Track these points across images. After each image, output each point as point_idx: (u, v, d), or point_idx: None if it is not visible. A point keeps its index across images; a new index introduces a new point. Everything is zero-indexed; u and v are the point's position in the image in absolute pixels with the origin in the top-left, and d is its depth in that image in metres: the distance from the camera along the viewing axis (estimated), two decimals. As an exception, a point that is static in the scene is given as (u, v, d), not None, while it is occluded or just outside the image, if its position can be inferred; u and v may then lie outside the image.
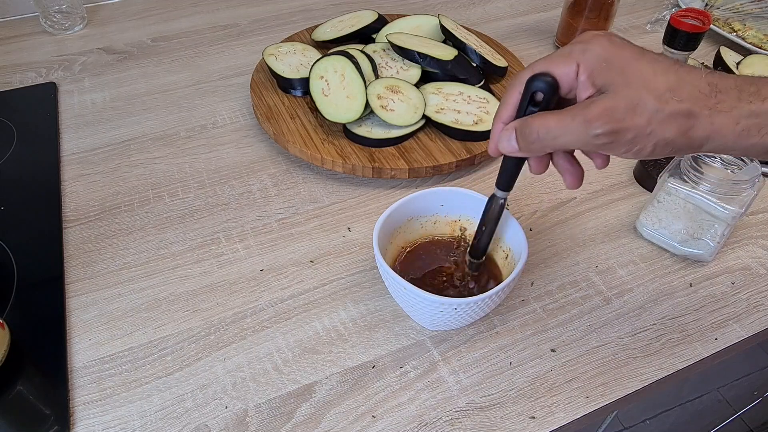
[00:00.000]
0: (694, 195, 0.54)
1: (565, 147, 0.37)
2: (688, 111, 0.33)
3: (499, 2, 1.01)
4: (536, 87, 0.37)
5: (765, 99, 0.33)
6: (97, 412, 0.46)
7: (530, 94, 0.38)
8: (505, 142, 0.39)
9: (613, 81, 0.34)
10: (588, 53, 0.35)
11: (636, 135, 0.34)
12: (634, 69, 0.34)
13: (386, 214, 0.50)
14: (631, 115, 0.34)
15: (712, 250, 0.57)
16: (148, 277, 0.56)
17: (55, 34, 0.90)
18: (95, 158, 0.69)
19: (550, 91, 0.37)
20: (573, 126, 0.35)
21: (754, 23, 0.91)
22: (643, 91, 0.33)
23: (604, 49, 0.35)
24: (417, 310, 0.48)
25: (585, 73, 0.35)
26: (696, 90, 0.34)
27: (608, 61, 0.35)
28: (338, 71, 0.68)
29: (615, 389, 0.48)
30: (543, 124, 0.36)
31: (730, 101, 0.33)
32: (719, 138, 0.34)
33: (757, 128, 0.33)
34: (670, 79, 0.34)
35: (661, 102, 0.33)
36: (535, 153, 0.39)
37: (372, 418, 0.46)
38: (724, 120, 0.33)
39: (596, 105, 0.34)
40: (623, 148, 0.35)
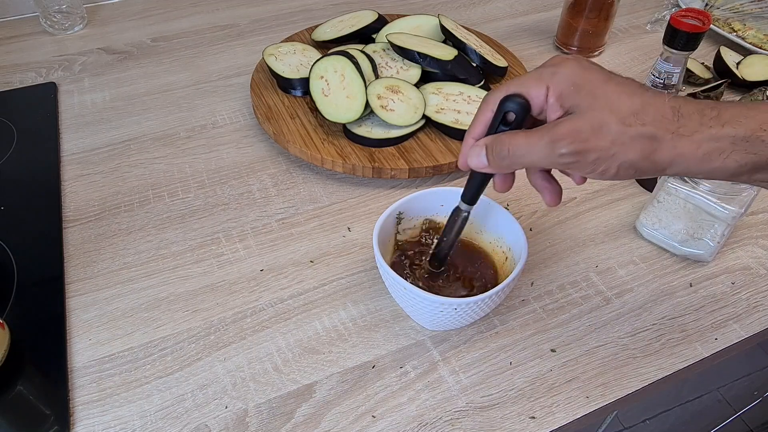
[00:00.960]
0: (694, 195, 0.54)
1: (532, 165, 0.38)
2: (651, 135, 0.34)
3: (499, 2, 1.01)
4: (508, 107, 0.38)
5: (725, 124, 0.34)
6: (97, 412, 0.46)
7: (502, 113, 0.39)
8: (475, 158, 0.40)
9: (580, 103, 0.36)
10: (557, 76, 0.37)
11: (599, 156, 0.35)
12: (600, 92, 0.35)
13: (386, 214, 0.50)
14: (595, 137, 0.35)
15: (712, 250, 0.57)
16: (148, 277, 0.56)
17: (55, 34, 0.90)
18: (95, 158, 0.69)
19: (521, 112, 0.38)
20: (540, 145, 0.36)
21: (754, 23, 0.91)
22: (607, 114, 0.35)
23: (572, 73, 0.36)
24: (417, 310, 0.48)
25: (554, 96, 0.37)
26: (659, 114, 0.35)
27: (576, 84, 0.36)
28: (338, 71, 0.68)
29: (615, 389, 0.48)
30: (512, 142, 0.38)
31: (692, 125, 0.34)
32: (682, 161, 0.35)
33: (718, 152, 0.34)
34: (635, 103, 0.35)
35: (624, 125, 0.34)
36: (503, 170, 0.40)
37: (372, 418, 0.46)
38: (686, 144, 0.34)
39: (562, 126, 0.36)
40: (588, 168, 0.36)
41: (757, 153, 0.34)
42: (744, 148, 0.34)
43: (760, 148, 0.34)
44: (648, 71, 0.81)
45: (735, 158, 0.34)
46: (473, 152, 0.40)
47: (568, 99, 0.36)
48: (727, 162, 0.34)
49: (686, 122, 0.34)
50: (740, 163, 0.34)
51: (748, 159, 0.34)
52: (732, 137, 0.34)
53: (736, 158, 0.34)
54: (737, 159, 0.34)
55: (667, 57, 0.66)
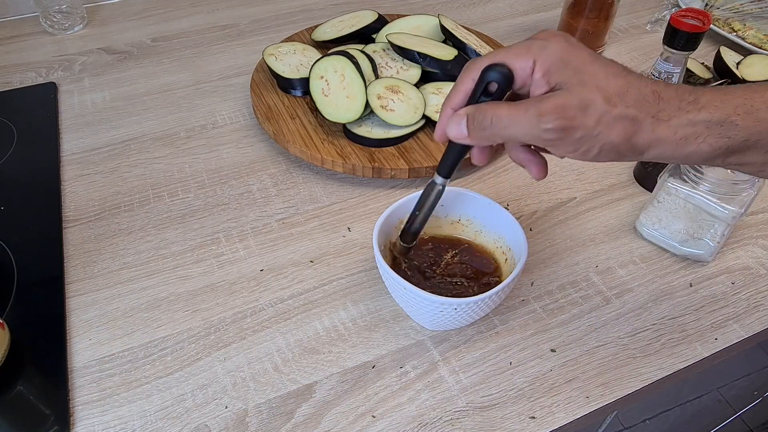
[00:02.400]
0: (694, 195, 0.54)
1: (514, 138, 0.37)
2: (634, 116, 0.35)
3: (499, 2, 1.01)
4: (491, 77, 0.37)
5: (701, 108, 0.35)
6: (97, 412, 0.46)
7: (485, 83, 0.38)
8: (455, 127, 0.39)
9: (568, 80, 0.35)
10: (546, 51, 0.36)
11: (584, 135, 0.35)
12: (588, 69, 0.35)
13: (386, 214, 0.50)
14: (581, 114, 0.34)
15: (712, 250, 0.57)
16: (148, 277, 0.56)
17: (55, 34, 0.90)
18: (95, 158, 0.69)
19: (504, 83, 0.37)
20: (525, 118, 0.35)
21: (754, 23, 0.91)
22: (594, 92, 0.34)
23: (562, 49, 0.36)
24: (417, 310, 0.48)
25: (541, 71, 0.36)
26: (641, 96, 0.35)
27: (565, 60, 0.36)
28: (338, 71, 0.68)
29: (615, 389, 0.48)
30: (495, 112, 0.37)
31: (670, 110, 0.35)
32: (660, 145, 0.35)
33: (694, 136, 0.35)
34: (620, 83, 0.35)
35: (609, 104, 0.34)
36: (484, 141, 0.39)
37: (372, 418, 0.46)
38: (664, 128, 0.35)
39: (550, 100, 0.35)
40: (571, 147, 0.36)
41: (730, 137, 0.35)
42: (718, 132, 0.35)
43: (732, 132, 0.34)
44: (648, 71, 0.81)
45: (709, 142, 0.35)
46: (453, 121, 0.39)
47: (556, 75, 0.36)
48: (702, 146, 0.35)
49: (665, 106, 0.35)
50: (714, 147, 0.35)
51: (722, 143, 0.35)
52: (707, 122, 0.34)
53: (710, 142, 0.35)
54: (711, 143, 0.35)
55: (667, 57, 0.66)
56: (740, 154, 0.36)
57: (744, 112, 0.34)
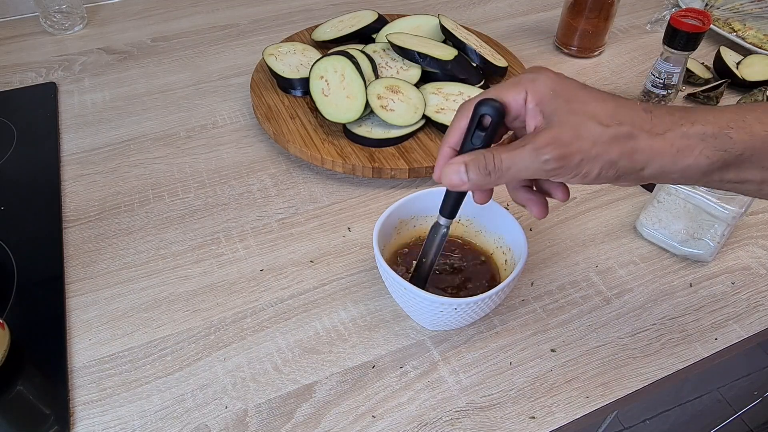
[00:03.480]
0: (694, 195, 0.54)
1: (518, 176, 0.38)
2: (629, 133, 0.36)
3: (499, 2, 1.01)
4: (484, 111, 0.39)
5: (694, 122, 0.36)
6: (97, 412, 0.46)
7: (478, 117, 0.39)
8: (454, 177, 0.39)
9: (558, 109, 0.37)
10: (537, 82, 0.38)
11: (582, 158, 0.36)
12: (578, 98, 0.37)
13: (386, 214, 0.50)
14: (576, 141, 0.36)
15: (712, 250, 0.57)
16: (148, 277, 0.56)
17: (55, 34, 0.90)
18: (95, 158, 0.69)
19: (496, 116, 0.38)
20: (524, 155, 0.37)
21: (754, 23, 0.91)
22: (586, 118, 0.36)
23: (551, 80, 0.38)
24: (417, 310, 0.48)
25: (534, 101, 0.38)
26: (633, 115, 0.36)
27: (555, 90, 0.37)
28: (338, 71, 0.68)
29: (615, 389, 0.48)
30: (497, 156, 0.38)
31: (664, 125, 0.36)
32: (659, 159, 0.36)
33: (690, 149, 0.36)
34: (610, 106, 0.37)
35: (603, 126, 0.36)
36: (488, 185, 0.39)
37: (372, 418, 0.46)
38: (660, 142, 0.36)
39: (544, 133, 0.36)
40: (572, 172, 0.37)
41: (726, 150, 0.36)
42: (713, 144, 0.36)
43: (728, 145, 0.35)
44: (648, 71, 0.81)
45: (706, 154, 0.36)
46: (451, 170, 0.39)
47: (548, 104, 0.37)
48: (699, 159, 0.36)
49: (658, 122, 0.36)
50: (711, 160, 0.36)
51: (718, 155, 0.36)
52: (701, 134, 0.36)
53: (707, 154, 0.36)
54: (708, 155, 0.36)
55: (667, 57, 0.66)
56: (737, 169, 0.36)
57: (737, 126, 0.36)
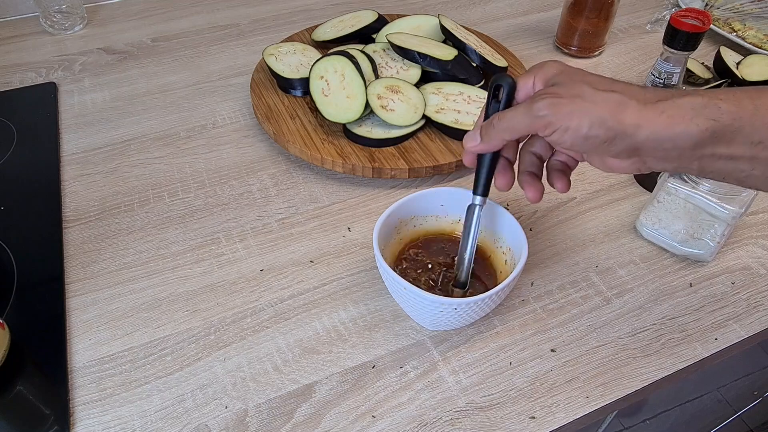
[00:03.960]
0: (694, 195, 0.54)
1: (515, 128, 0.42)
2: (619, 99, 0.38)
3: (499, 2, 1.01)
4: (496, 82, 0.44)
5: (684, 96, 0.38)
6: (97, 412, 0.46)
7: (492, 91, 0.45)
8: (469, 140, 0.46)
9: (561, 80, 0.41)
10: (544, 68, 0.43)
11: (572, 110, 0.39)
12: (579, 74, 0.41)
13: (386, 214, 0.50)
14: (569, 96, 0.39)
15: (712, 250, 0.57)
16: (148, 277, 0.56)
17: (55, 34, 0.90)
18: (95, 158, 0.69)
19: (507, 86, 0.44)
20: (521, 109, 0.41)
21: (754, 23, 0.91)
22: (582, 84, 0.40)
23: (558, 66, 0.43)
24: (417, 310, 0.48)
25: (540, 82, 0.43)
26: (627, 87, 0.40)
27: (559, 71, 0.42)
28: (338, 71, 0.68)
29: (615, 389, 0.48)
30: (500, 116, 0.43)
31: (656, 96, 0.39)
32: (648, 125, 0.38)
33: (681, 117, 0.37)
34: (606, 80, 0.40)
35: (596, 89, 0.39)
36: (492, 141, 0.44)
37: (372, 418, 0.46)
38: (651, 109, 0.38)
39: (541, 90, 0.41)
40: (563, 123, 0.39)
41: (715, 119, 0.37)
42: (704, 113, 0.37)
43: (717, 114, 0.37)
44: (648, 71, 0.81)
45: (696, 122, 0.37)
46: (469, 136, 0.46)
47: (551, 81, 0.42)
48: (690, 126, 0.37)
49: (651, 95, 0.39)
50: (701, 128, 0.37)
51: (708, 124, 0.37)
52: (692, 104, 0.37)
53: (697, 122, 0.37)
54: (699, 123, 0.37)
55: (667, 57, 0.66)
56: (728, 142, 0.37)
57: (726, 98, 0.37)
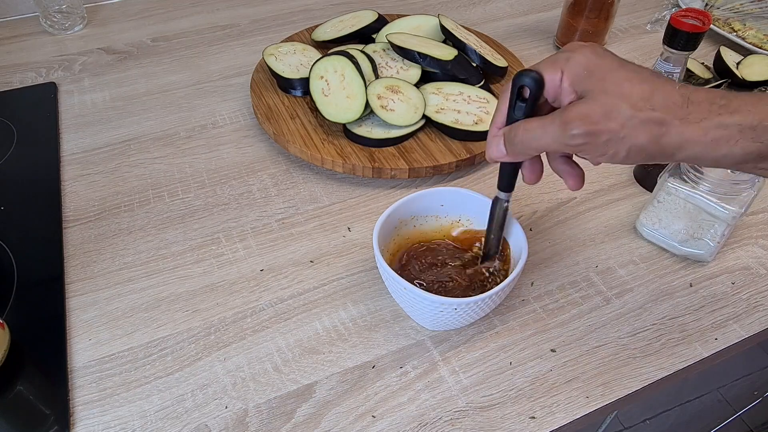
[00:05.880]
0: (694, 195, 0.54)
1: (545, 148, 0.39)
2: (660, 119, 0.35)
3: (499, 2, 1.01)
4: (522, 82, 0.39)
5: (733, 112, 0.35)
6: (97, 412, 0.46)
7: (517, 89, 0.40)
8: (495, 148, 0.42)
9: (592, 88, 0.37)
10: (571, 61, 0.38)
11: (610, 138, 0.36)
12: (612, 78, 0.36)
13: (386, 214, 0.50)
14: (605, 119, 0.35)
15: (712, 250, 0.57)
16: (148, 277, 0.56)
17: (55, 34, 0.90)
18: (95, 158, 0.69)
19: (535, 86, 0.39)
20: (552, 128, 0.37)
21: (754, 23, 0.91)
22: (618, 99, 0.36)
23: (586, 59, 0.37)
24: (417, 310, 0.48)
25: (568, 80, 0.38)
26: (669, 100, 0.35)
27: (589, 69, 0.37)
28: (338, 71, 0.68)
29: (615, 389, 0.48)
30: (526, 126, 0.39)
31: (700, 113, 0.35)
32: (690, 147, 0.35)
33: (726, 139, 0.35)
34: (645, 89, 0.36)
35: (634, 109, 0.35)
36: (520, 155, 0.41)
37: (372, 418, 0.46)
38: (694, 130, 0.35)
39: (574, 108, 0.37)
40: (599, 151, 0.37)
41: (763, 141, 0.34)
42: (751, 136, 0.34)
43: (766, 137, 0.34)
44: (648, 71, 0.81)
45: (742, 145, 0.35)
46: (493, 143, 0.42)
47: (581, 84, 0.37)
48: (734, 149, 0.35)
49: (695, 109, 0.35)
50: (747, 151, 0.35)
51: (754, 147, 0.35)
52: (739, 125, 0.34)
53: (743, 145, 0.35)
54: (744, 146, 0.35)
55: (667, 57, 0.66)
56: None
57: None
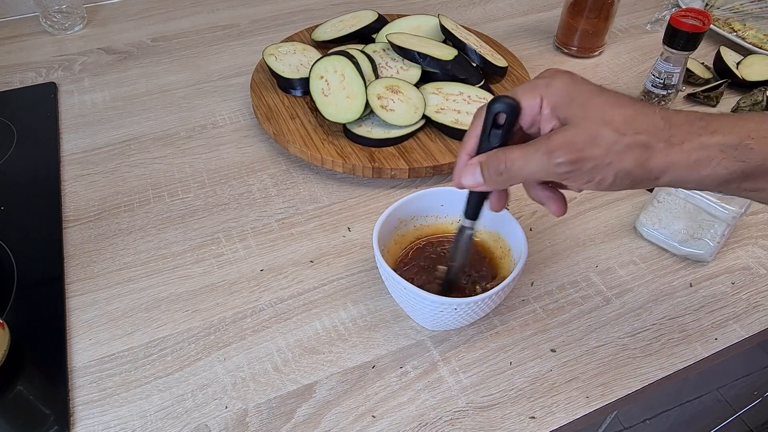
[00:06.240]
0: (694, 195, 0.54)
1: (530, 177, 0.38)
2: (645, 143, 0.35)
3: (499, 2, 1.01)
4: (498, 108, 0.38)
5: (713, 132, 0.35)
6: (97, 412, 0.46)
7: (492, 116, 0.39)
8: (469, 177, 0.40)
9: (574, 114, 0.36)
10: (551, 87, 0.37)
11: (595, 165, 0.35)
12: (593, 103, 0.36)
13: (386, 214, 0.50)
14: (590, 146, 0.35)
15: (712, 250, 0.57)
16: (148, 277, 0.56)
17: (55, 34, 0.90)
18: (95, 158, 0.69)
19: (511, 113, 0.38)
20: (537, 156, 0.36)
21: (754, 23, 0.91)
22: (601, 124, 0.35)
23: (566, 85, 0.37)
24: (417, 310, 0.48)
25: (549, 107, 0.37)
26: (652, 124, 0.35)
27: (570, 95, 0.37)
28: (338, 71, 0.68)
29: (615, 389, 0.48)
30: (509, 156, 0.38)
31: (681, 135, 0.35)
32: (674, 170, 0.35)
33: (708, 160, 0.35)
34: (627, 113, 0.35)
35: (618, 134, 0.35)
36: (501, 185, 0.40)
37: (372, 418, 0.46)
38: (677, 152, 0.35)
39: (558, 136, 0.36)
40: (585, 178, 0.36)
41: (745, 160, 0.35)
42: (733, 155, 0.35)
43: (748, 156, 0.35)
44: (648, 71, 0.81)
45: (724, 165, 0.35)
46: (467, 171, 0.40)
47: (563, 109, 0.37)
48: (717, 169, 0.35)
49: (677, 131, 0.35)
50: (729, 171, 0.35)
51: (736, 166, 0.35)
52: (721, 145, 0.35)
53: (725, 165, 0.35)
54: (726, 166, 0.35)
55: (667, 57, 0.66)
56: (755, 179, 0.36)
57: (758, 137, 0.34)
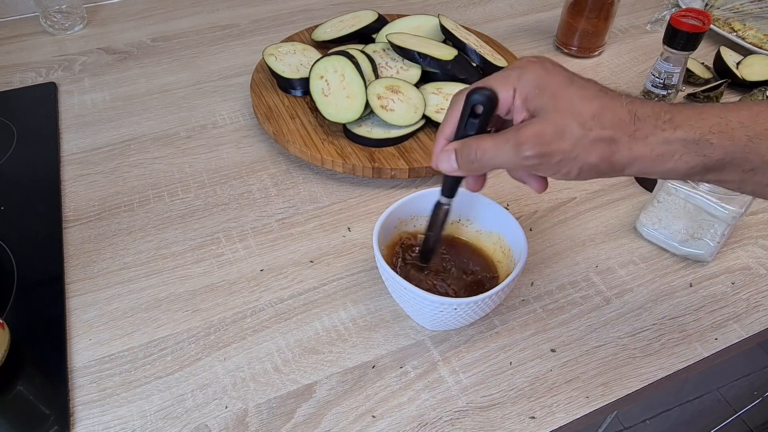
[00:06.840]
0: (694, 195, 0.54)
1: (499, 167, 0.39)
2: (610, 138, 0.36)
3: (499, 2, 1.01)
4: (475, 100, 0.39)
5: (677, 127, 0.36)
6: (97, 412, 0.46)
7: (470, 107, 0.40)
8: (445, 163, 0.41)
9: (543, 106, 0.37)
10: (522, 79, 0.38)
11: (562, 158, 0.36)
12: (564, 94, 0.37)
13: (386, 214, 0.50)
14: (558, 140, 0.36)
15: (712, 250, 0.57)
16: (148, 277, 0.56)
17: (55, 34, 0.90)
18: (95, 158, 0.69)
19: (488, 104, 0.39)
20: (506, 148, 0.38)
21: (754, 23, 0.91)
22: (569, 117, 0.36)
23: (536, 76, 0.38)
24: (417, 310, 0.48)
25: (520, 98, 0.38)
26: (617, 118, 0.36)
27: (540, 87, 0.38)
28: (338, 71, 0.68)
29: (615, 389, 0.48)
30: (480, 146, 0.39)
31: (646, 129, 0.36)
32: (638, 163, 0.36)
33: (670, 154, 0.36)
34: (594, 106, 0.36)
35: (585, 128, 0.36)
36: (473, 173, 0.41)
37: (372, 418, 0.46)
38: (641, 147, 0.36)
39: (527, 129, 0.37)
40: (552, 170, 0.37)
41: (706, 155, 0.36)
42: (694, 150, 0.36)
43: (708, 151, 0.36)
44: (648, 71, 0.81)
45: (686, 160, 0.36)
46: (443, 157, 0.41)
47: (533, 101, 0.38)
48: (679, 163, 0.36)
49: (642, 125, 0.36)
50: (690, 165, 0.36)
51: (698, 161, 0.36)
52: (683, 140, 0.36)
53: (686, 160, 0.36)
54: (687, 161, 0.36)
55: (667, 57, 0.66)
56: (717, 172, 0.37)
57: (719, 131, 0.35)
